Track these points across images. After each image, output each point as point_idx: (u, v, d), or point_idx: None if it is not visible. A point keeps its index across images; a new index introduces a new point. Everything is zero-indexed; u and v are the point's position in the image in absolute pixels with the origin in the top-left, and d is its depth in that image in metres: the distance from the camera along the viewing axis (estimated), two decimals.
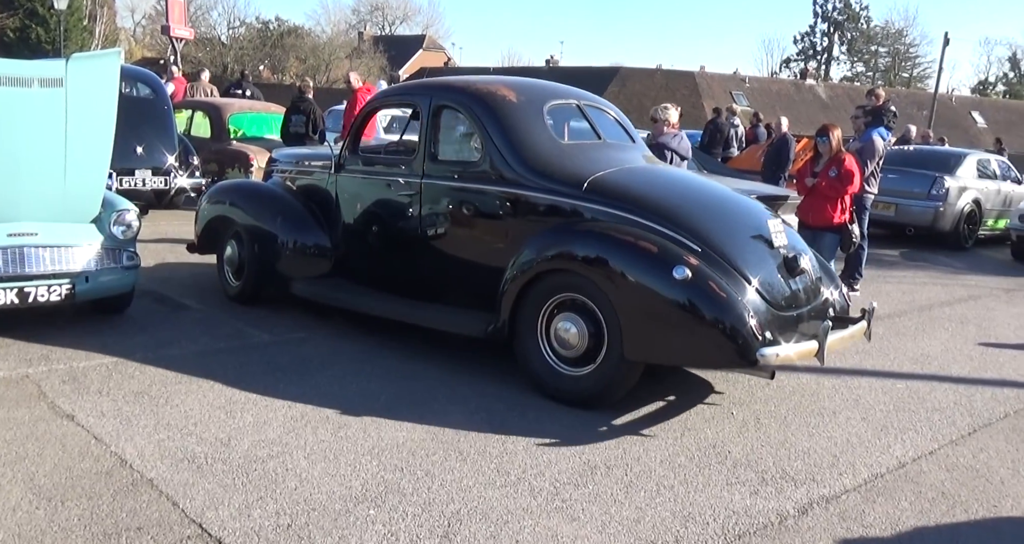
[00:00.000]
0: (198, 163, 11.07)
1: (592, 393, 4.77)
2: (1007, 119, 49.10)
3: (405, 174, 5.82)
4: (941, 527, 3.71)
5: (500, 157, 5.34)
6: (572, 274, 4.80)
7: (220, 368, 5.18)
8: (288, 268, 6.43)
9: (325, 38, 53.75)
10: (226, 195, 7.10)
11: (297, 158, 7.14)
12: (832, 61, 67.47)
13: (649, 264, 4.61)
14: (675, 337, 4.56)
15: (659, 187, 5.38)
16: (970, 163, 13.67)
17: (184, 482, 3.68)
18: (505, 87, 5.75)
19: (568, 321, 4.81)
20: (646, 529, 3.52)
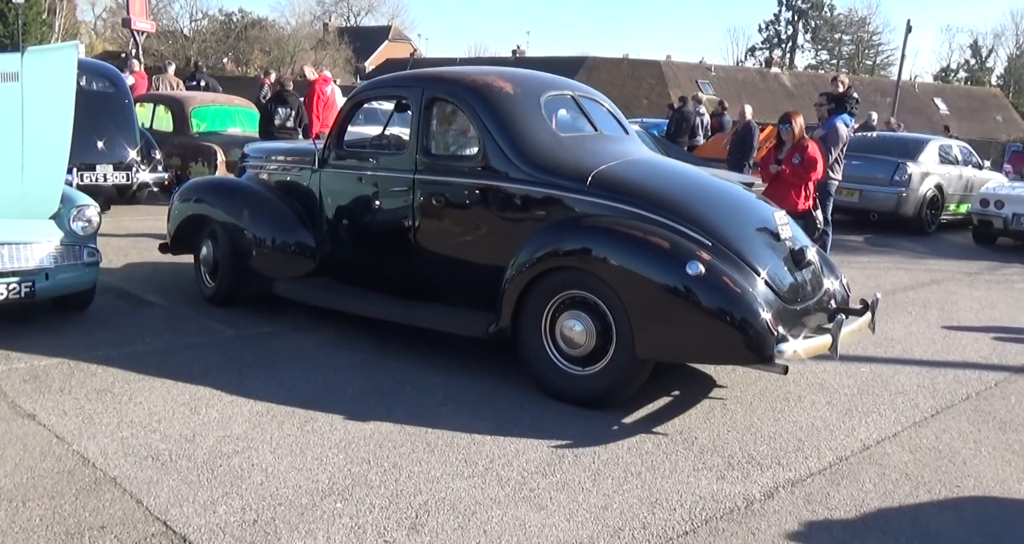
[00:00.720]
0: (161, 157, 10.93)
1: (601, 392, 4.64)
2: (968, 105, 49.75)
3: (396, 169, 5.60)
4: (904, 508, 3.75)
5: (499, 151, 5.16)
6: (579, 271, 4.66)
7: (184, 364, 5.13)
8: (268, 267, 6.19)
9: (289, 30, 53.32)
10: (200, 192, 6.83)
11: (273, 153, 6.89)
12: (797, 49, 67.95)
13: (661, 260, 4.48)
14: (688, 334, 4.45)
15: (663, 180, 5.26)
16: (932, 149, 13.82)
17: (148, 479, 3.64)
18: (501, 78, 5.54)
19: (574, 319, 4.68)
20: (613, 516, 3.53)
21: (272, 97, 11.43)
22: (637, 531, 3.42)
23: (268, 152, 6.97)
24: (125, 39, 41.91)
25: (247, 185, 6.72)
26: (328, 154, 6.07)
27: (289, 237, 6.17)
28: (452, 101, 5.51)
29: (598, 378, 4.63)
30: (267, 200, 6.39)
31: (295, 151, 6.72)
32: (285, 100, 11.10)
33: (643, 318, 4.45)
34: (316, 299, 5.93)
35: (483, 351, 5.35)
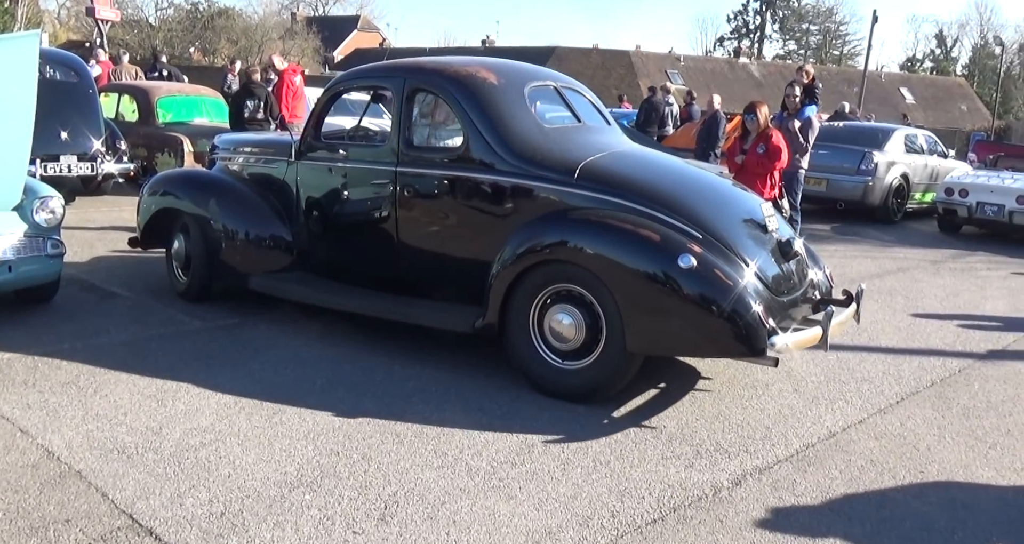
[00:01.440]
0: (126, 148, 10.80)
1: (591, 387, 4.60)
2: (934, 95, 50.26)
3: (377, 162, 5.48)
4: (870, 494, 3.80)
5: (483, 143, 5.06)
6: (568, 264, 4.60)
7: (151, 356, 5.08)
8: (243, 262, 6.03)
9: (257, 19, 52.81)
10: (171, 185, 6.63)
11: (246, 144, 6.75)
12: (765, 39, 68.31)
13: (652, 253, 4.44)
14: (680, 328, 4.42)
15: (650, 172, 5.21)
16: (898, 138, 13.95)
17: (113, 473, 3.61)
18: (485, 69, 5.44)
19: (563, 313, 4.62)
20: (583, 505, 3.55)
21: (239, 90, 11.32)
22: (606, 520, 3.44)
23: (240, 144, 6.82)
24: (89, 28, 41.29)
25: (220, 177, 6.55)
26: (305, 146, 5.93)
27: (264, 231, 6.02)
28: (434, 92, 5.41)
29: (588, 372, 4.59)
30: (241, 193, 6.24)
31: (270, 143, 6.58)
32: (252, 92, 10.99)
33: (634, 312, 4.41)
34: (294, 294, 5.80)
35: (452, 343, 5.34)
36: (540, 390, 4.70)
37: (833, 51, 67.39)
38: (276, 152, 6.23)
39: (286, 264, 6.00)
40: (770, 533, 3.41)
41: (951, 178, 13.04)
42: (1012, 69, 57.82)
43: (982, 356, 6.10)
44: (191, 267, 6.24)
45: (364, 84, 6.30)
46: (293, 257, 6.00)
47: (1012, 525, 3.57)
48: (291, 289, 5.82)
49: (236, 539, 3.16)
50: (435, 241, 5.30)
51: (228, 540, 3.15)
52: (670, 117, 16.84)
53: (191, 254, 6.23)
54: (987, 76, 58.13)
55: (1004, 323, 7.18)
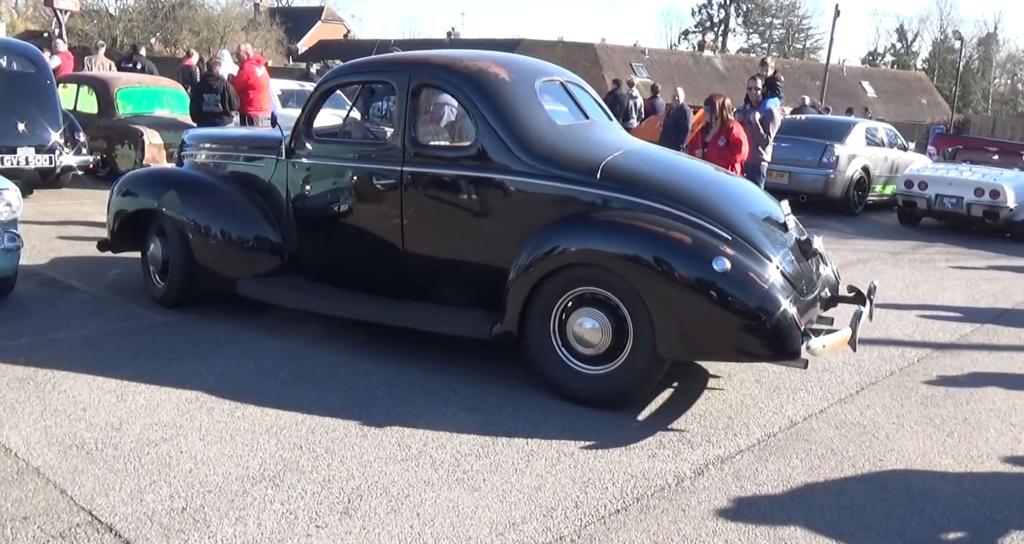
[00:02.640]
0: (85, 140, 10.64)
1: (617, 392, 4.48)
2: (895, 89, 50.82)
3: (380, 161, 5.19)
4: (830, 482, 3.84)
5: (498, 142, 4.85)
6: (594, 268, 4.45)
7: (111, 351, 5.02)
8: (228, 266, 5.70)
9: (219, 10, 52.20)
10: (145, 184, 6.25)
11: (223, 141, 6.43)
12: (729, 33, 68.65)
13: (685, 257, 4.32)
14: (714, 332, 4.31)
15: (670, 171, 5.10)
16: (859, 131, 14.10)
17: (72, 469, 3.57)
18: (495, 64, 5.22)
19: (588, 317, 4.47)
20: (546, 496, 3.56)
21: (198, 82, 11.19)
22: (569, 510, 3.45)
23: (217, 140, 6.50)
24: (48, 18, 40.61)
25: (199, 176, 6.19)
26: (296, 143, 5.60)
27: (251, 232, 5.70)
28: (443, 88, 5.21)
29: (614, 377, 4.47)
30: (223, 192, 5.90)
31: (254, 139, 6.26)
32: (210, 85, 10.86)
33: (666, 317, 4.30)
34: (289, 300, 5.52)
35: (416, 336, 5.32)
36: (564, 397, 4.55)
37: (796, 45, 67.89)
38: (262, 150, 5.92)
39: (276, 268, 5.71)
40: (732, 522, 3.44)
41: (911, 171, 13.21)
42: (971, 63, 58.64)
43: (940, 346, 6.19)
44: (170, 272, 5.89)
45: (363, 79, 6.00)
46: (283, 260, 5.71)
47: (968, 512, 3.63)
48: (284, 294, 5.54)
49: (197, 534, 3.14)
50: (444, 243, 5.08)
51: (189, 535, 3.13)
52: (634, 110, 16.90)
53: (169, 258, 5.88)
54: (947, 70, 58.87)
55: (962, 313, 7.29)
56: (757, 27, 69.26)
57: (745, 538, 3.34)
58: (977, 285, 8.53)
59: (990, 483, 3.92)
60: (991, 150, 14.24)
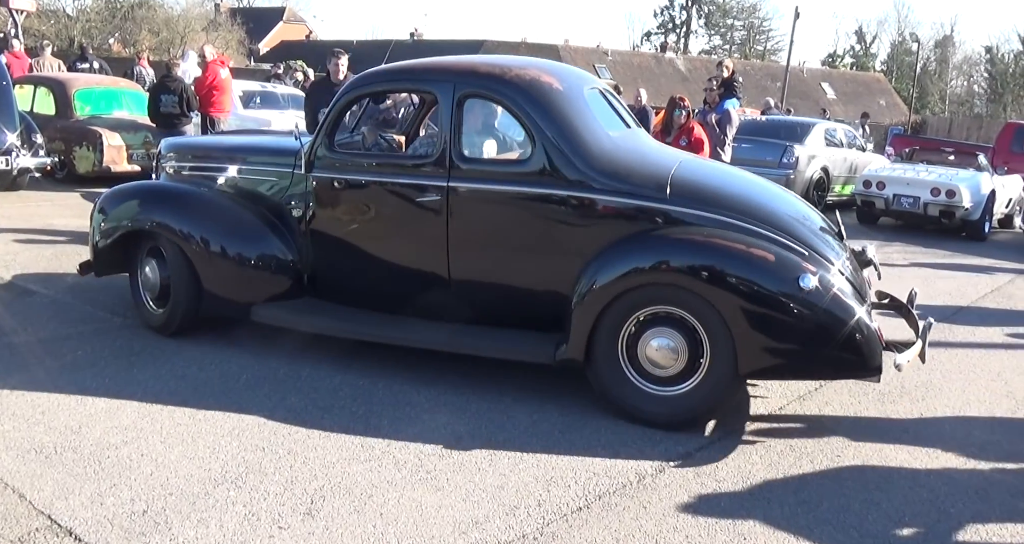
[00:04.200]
0: (42, 142, 10.53)
1: (693, 413, 4.34)
2: (854, 90, 51.44)
3: (422, 176, 4.83)
4: (789, 478, 3.90)
5: (560, 155, 4.59)
6: (670, 286, 4.30)
7: (70, 354, 4.98)
8: (242, 290, 5.24)
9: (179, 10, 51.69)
10: (138, 200, 5.66)
11: (219, 151, 5.91)
12: (691, 35, 69.11)
13: (770, 274, 4.20)
14: (799, 351, 4.22)
15: (731, 184, 5.00)
16: (818, 132, 14.28)
17: (31, 473, 3.53)
18: (544, 72, 4.98)
19: (661, 337, 4.32)
20: (509, 494, 3.58)
21: (156, 84, 11.08)
22: (532, 509, 3.48)
23: (212, 150, 5.98)
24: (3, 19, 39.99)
25: (199, 191, 5.62)
26: (317, 155, 5.14)
27: (265, 252, 5.23)
28: (494, 98, 4.92)
29: (688, 398, 4.33)
30: (229, 209, 5.42)
31: (262, 150, 5.76)
32: (168, 86, 10.75)
33: (749, 336, 4.18)
34: (317, 326, 5.07)
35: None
36: (634, 420, 4.37)
37: (757, 47, 68.56)
38: (273, 162, 5.45)
39: (294, 290, 5.26)
40: (692, 518, 3.49)
41: (869, 171, 13.39)
42: (928, 65, 59.56)
43: None
44: (172, 297, 5.33)
45: (399, 88, 5.64)
46: (302, 282, 5.28)
47: (923, 506, 3.70)
48: (310, 320, 5.09)
49: (159, 537, 3.12)
50: (494, 263, 4.79)
51: (150, 538, 3.11)
52: None
53: (170, 282, 5.33)
54: (904, 72, 59.70)
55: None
56: (718, 29, 69.83)
57: (706, 533, 3.38)
58: (933, 283, 8.67)
59: (944, 478, 4.00)
60: (947, 151, 14.49)
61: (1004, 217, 13.65)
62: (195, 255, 5.24)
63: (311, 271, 5.25)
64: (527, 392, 4.67)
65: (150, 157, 11.25)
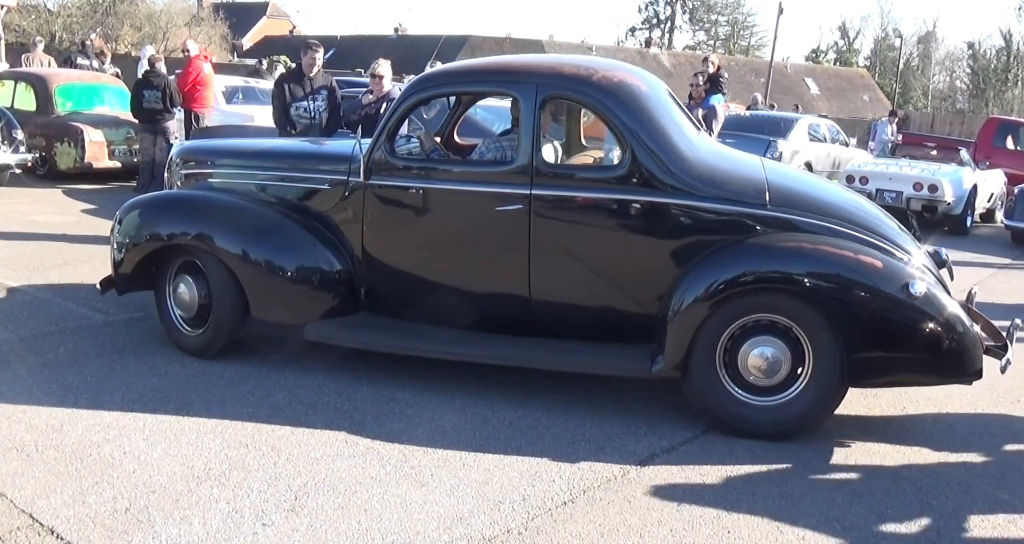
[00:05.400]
0: (23, 138, 10.46)
1: (796, 423, 4.24)
2: (838, 86, 51.68)
3: (500, 183, 4.58)
4: (772, 472, 3.92)
5: (655, 160, 4.40)
6: (776, 295, 4.20)
7: (51, 351, 4.94)
8: (294, 307, 4.87)
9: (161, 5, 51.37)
10: (171, 212, 5.18)
11: (254, 156, 5.47)
12: (675, 30, 69.18)
13: (880, 281, 4.13)
14: (908, 357, 4.19)
15: (821, 189, 4.95)
16: (801, 127, 14.34)
17: (12, 472, 3.51)
18: (627, 74, 4.83)
19: (764, 346, 4.22)
20: (494, 490, 3.58)
21: (139, 79, 11.02)
22: (517, 503, 3.48)
23: (245, 155, 5.51)
24: None
25: (239, 201, 5.15)
26: (377, 162, 4.80)
27: (319, 267, 4.88)
28: (581, 102, 4.75)
29: (789, 407, 4.24)
30: (275, 220, 5.00)
31: (309, 156, 5.44)
32: (151, 82, 10.70)
33: (857, 344, 4.13)
34: (381, 344, 4.74)
35: None
36: (734, 432, 4.26)
37: (741, 42, 68.68)
38: (324, 169, 5.07)
39: (349, 306, 4.93)
40: (677, 511, 3.50)
41: (852, 166, 13.45)
42: (911, 61, 59.84)
43: None
44: (214, 318, 4.92)
45: (471, 90, 5.39)
46: (358, 296, 4.94)
47: (905, 498, 3.72)
48: (369, 338, 4.78)
49: (141, 535, 3.11)
50: (581, 273, 4.57)
51: (133, 537, 3.10)
52: None
53: (210, 301, 4.93)
54: (887, 67, 60.00)
55: None
56: (703, 24, 69.91)
57: (690, 527, 3.39)
58: None
59: (926, 471, 4.02)
60: (930, 146, 14.56)
61: (986, 211, 13.76)
62: (243, 272, 4.84)
63: (368, 285, 4.92)
64: (511, 387, 4.67)
65: (132, 153, 11.23)
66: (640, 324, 4.47)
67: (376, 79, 7.65)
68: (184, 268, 5.06)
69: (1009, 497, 3.80)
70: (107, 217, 8.93)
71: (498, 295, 4.70)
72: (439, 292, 4.79)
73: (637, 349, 4.46)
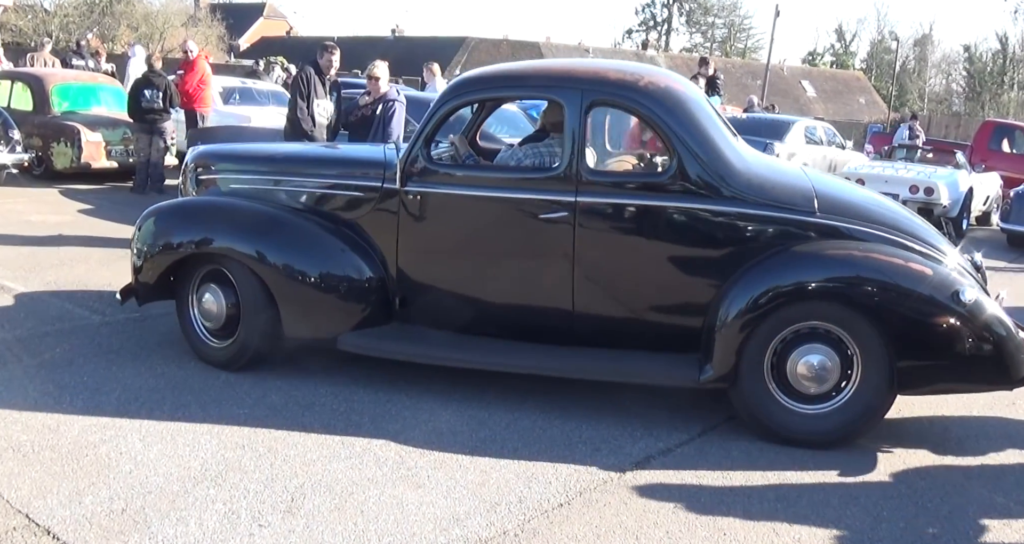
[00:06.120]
0: (19, 138, 10.44)
1: (845, 431, 4.22)
2: (834, 88, 51.78)
3: (543, 190, 4.51)
4: (768, 474, 3.93)
5: (704, 167, 4.36)
6: (827, 302, 4.18)
7: (47, 352, 4.94)
8: (327, 318, 4.75)
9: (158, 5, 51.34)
10: (197, 218, 5.03)
11: (282, 162, 5.33)
12: (672, 32, 69.28)
13: (931, 288, 4.12)
14: (955, 364, 4.17)
15: (859, 194, 4.96)
16: (798, 130, 14.34)
17: (8, 472, 3.51)
18: (672, 80, 4.82)
19: (813, 354, 4.20)
20: (490, 491, 3.59)
21: (139, 78, 11.02)
22: (513, 505, 3.49)
23: (275, 161, 5.36)
24: None
25: (271, 209, 4.98)
26: (413, 168, 4.69)
27: (353, 276, 4.76)
28: (628, 107, 4.65)
29: (838, 415, 4.22)
30: (306, 228, 4.87)
31: (343, 161, 5.33)
32: (152, 82, 10.70)
33: (908, 352, 4.13)
34: (418, 355, 4.65)
35: None
36: (780, 440, 4.24)
37: (738, 44, 68.78)
38: (358, 175, 4.93)
39: (383, 315, 4.81)
40: (673, 513, 3.50)
41: (848, 169, 13.47)
42: (907, 63, 59.92)
43: None
44: (243, 329, 4.77)
45: (513, 94, 5.29)
46: (392, 306, 4.82)
47: (901, 501, 3.73)
48: (406, 348, 4.68)
49: (137, 536, 3.11)
50: (627, 282, 4.51)
51: (129, 537, 3.10)
52: None
53: (239, 312, 4.78)
54: (884, 70, 60.06)
55: None
56: (700, 27, 70.00)
57: (686, 529, 3.40)
58: None
59: (922, 473, 4.03)
60: (926, 148, 14.59)
61: (982, 214, 13.78)
62: (275, 281, 4.71)
63: (402, 293, 4.80)
64: (507, 389, 4.67)
65: (128, 153, 11.23)
66: (685, 332, 4.43)
67: (372, 81, 7.60)
68: (209, 277, 4.91)
69: (1004, 500, 3.81)
70: (103, 217, 8.97)
71: (539, 303, 4.63)
72: (477, 301, 4.73)
73: (682, 358, 4.42)
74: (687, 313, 4.43)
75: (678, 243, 4.45)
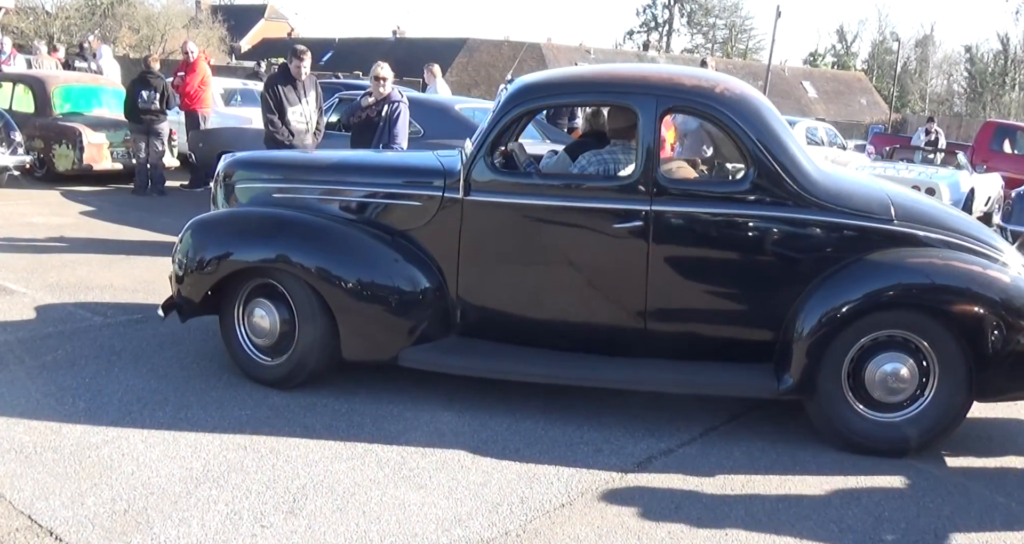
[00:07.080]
0: (21, 140, 10.45)
1: (920, 440, 4.18)
2: (835, 89, 51.73)
3: (615, 199, 4.41)
4: (770, 474, 3.93)
5: (783, 176, 4.30)
6: (906, 310, 4.17)
7: (49, 353, 4.94)
8: (389, 334, 4.58)
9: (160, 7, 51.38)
10: (248, 230, 4.80)
11: (330, 170, 5.11)
12: (673, 33, 69.28)
13: (1009, 295, 4.15)
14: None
15: (924, 201, 4.96)
16: (799, 131, 14.35)
17: (11, 473, 3.51)
18: (745, 87, 4.75)
19: (891, 362, 4.16)
20: (492, 492, 3.59)
21: (135, 79, 11.03)
22: (515, 506, 3.49)
23: (322, 169, 5.14)
24: None
25: (323, 220, 4.77)
26: (476, 177, 4.55)
27: (415, 288, 4.58)
28: (706, 114, 4.59)
29: (915, 424, 4.20)
30: (364, 240, 4.68)
31: (400, 169, 5.09)
32: (148, 82, 10.71)
33: (987, 360, 4.11)
34: (484, 369, 4.51)
35: None
36: (856, 449, 4.20)
37: (739, 45, 68.77)
38: (415, 184, 4.76)
39: (443, 329, 4.67)
40: (675, 513, 3.51)
41: None
42: (909, 64, 59.91)
43: None
44: (299, 346, 4.57)
45: (583, 101, 5.20)
46: (452, 319, 4.66)
47: (902, 501, 3.74)
48: (470, 363, 4.54)
49: (140, 537, 3.11)
50: (703, 292, 4.44)
51: (132, 538, 3.10)
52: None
53: (294, 328, 4.58)
54: (885, 71, 60.03)
55: None
56: (701, 27, 69.98)
57: (688, 529, 3.40)
58: None
59: (923, 474, 4.03)
60: (927, 149, 14.60)
61: (983, 215, 13.76)
62: (334, 296, 4.52)
63: (464, 306, 4.64)
64: (509, 390, 4.67)
65: (130, 155, 11.23)
66: (760, 341, 4.39)
67: (378, 81, 7.53)
68: (258, 292, 4.71)
69: (1006, 500, 3.81)
70: (105, 219, 8.99)
71: (611, 315, 4.52)
72: (544, 312, 4.61)
73: (757, 368, 4.36)
74: (762, 323, 4.37)
75: (756, 252, 4.38)
